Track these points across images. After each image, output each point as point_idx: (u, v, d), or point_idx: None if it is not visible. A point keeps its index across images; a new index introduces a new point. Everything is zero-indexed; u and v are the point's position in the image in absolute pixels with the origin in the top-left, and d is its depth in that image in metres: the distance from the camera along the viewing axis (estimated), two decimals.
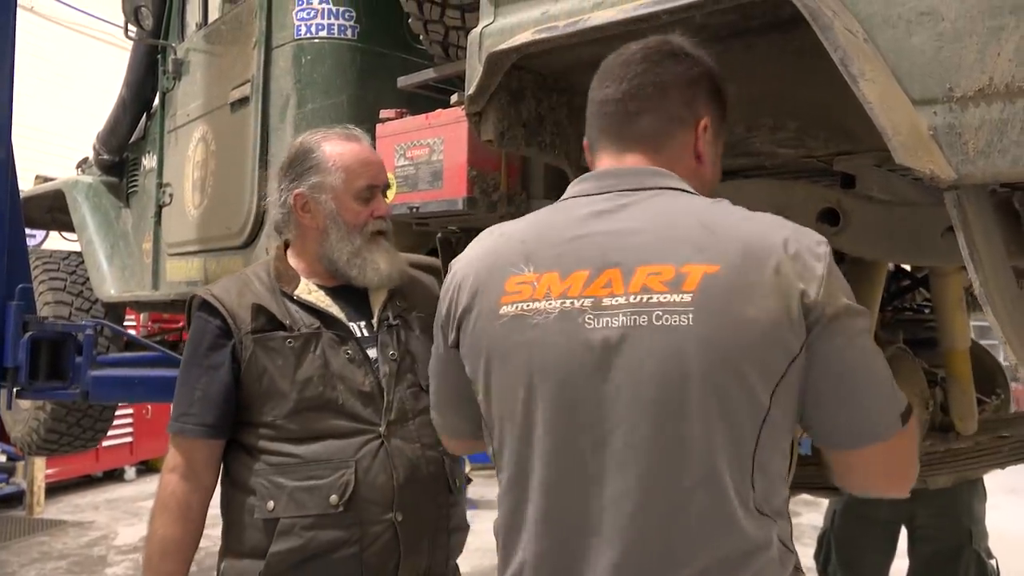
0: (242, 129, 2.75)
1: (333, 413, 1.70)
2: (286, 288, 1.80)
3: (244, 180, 2.71)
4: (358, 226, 1.82)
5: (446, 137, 2.13)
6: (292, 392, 1.69)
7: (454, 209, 2.12)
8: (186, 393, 1.74)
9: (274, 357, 1.71)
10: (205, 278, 3.05)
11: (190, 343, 1.78)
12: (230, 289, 1.79)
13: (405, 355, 1.83)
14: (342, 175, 1.80)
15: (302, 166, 1.84)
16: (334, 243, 1.81)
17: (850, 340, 1.11)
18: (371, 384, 1.75)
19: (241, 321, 1.73)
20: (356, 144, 1.87)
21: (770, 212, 1.87)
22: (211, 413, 1.71)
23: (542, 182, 2.24)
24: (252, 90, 2.69)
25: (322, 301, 1.80)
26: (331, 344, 1.75)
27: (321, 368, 1.72)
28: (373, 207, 1.84)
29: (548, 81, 2.04)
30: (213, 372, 1.72)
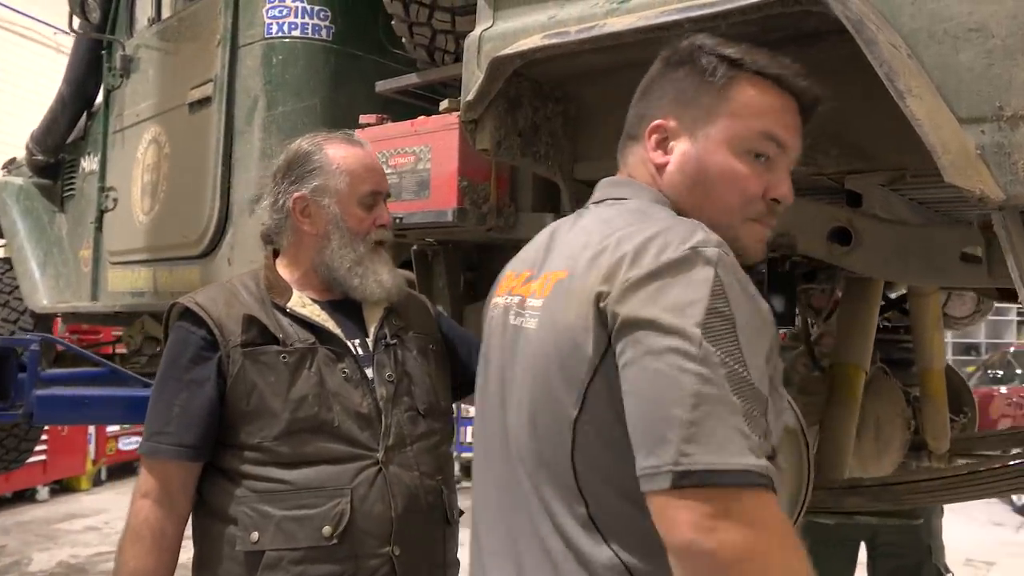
0: (202, 131, 2.58)
1: (328, 436, 1.57)
2: (278, 300, 1.67)
3: (204, 185, 2.54)
4: (361, 233, 1.71)
5: (434, 145, 2.03)
6: (284, 412, 1.55)
7: (442, 221, 2.02)
8: (162, 410, 1.59)
9: (266, 373, 1.57)
10: (154, 289, 2.86)
11: (169, 355, 1.63)
12: (216, 298, 1.65)
13: (403, 376, 1.72)
14: (347, 179, 1.69)
15: (303, 168, 1.72)
16: (335, 250, 1.69)
17: (639, 357, 0.92)
18: (369, 406, 1.63)
19: (229, 333, 1.59)
20: (360, 149, 1.76)
21: (780, 230, 1.85)
22: (191, 432, 1.56)
23: (531, 194, 2.16)
24: (215, 90, 2.53)
25: (317, 315, 1.68)
26: (327, 361, 1.63)
27: (317, 387, 1.59)
28: (376, 215, 1.74)
29: (544, 89, 1.97)
30: (195, 387, 1.58)
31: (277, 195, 1.74)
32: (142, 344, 3.45)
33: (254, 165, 2.39)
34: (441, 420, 1.76)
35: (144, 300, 2.93)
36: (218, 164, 2.49)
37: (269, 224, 1.79)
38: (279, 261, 1.77)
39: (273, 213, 1.76)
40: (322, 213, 1.69)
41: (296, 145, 1.77)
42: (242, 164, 2.43)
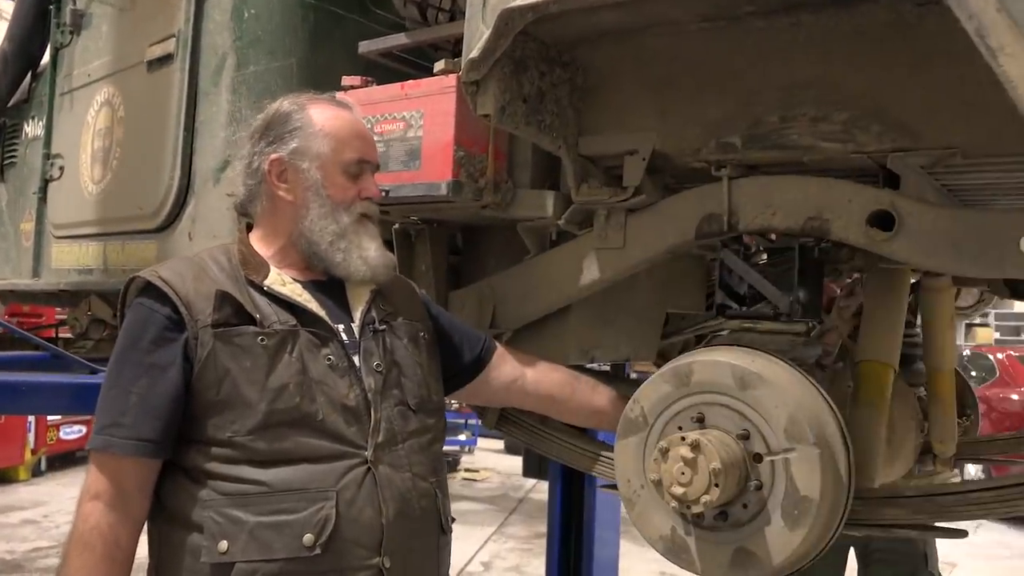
0: (162, 92, 2.34)
1: (311, 431, 1.39)
2: (254, 276, 1.48)
3: (163, 151, 2.30)
4: (344, 203, 1.54)
5: (427, 110, 1.83)
6: (261, 402, 1.37)
7: (435, 194, 1.81)
8: (118, 398, 1.39)
9: (240, 358, 1.39)
10: (104, 266, 2.61)
11: (126, 336, 1.43)
12: (183, 272, 1.45)
13: (392, 366, 1.54)
14: (331, 142, 1.53)
15: (282, 128, 1.54)
16: (315, 220, 1.52)
17: None
18: (356, 397, 1.45)
19: (198, 311, 1.40)
20: (348, 112, 1.60)
21: (807, 213, 1.68)
22: (150, 424, 1.37)
23: (529, 170, 1.97)
24: (177, 47, 2.29)
25: (299, 294, 1.49)
26: (310, 346, 1.44)
27: (299, 374, 1.41)
28: (362, 186, 1.57)
29: (552, 52, 1.78)
30: (157, 373, 1.38)
31: (252, 157, 1.56)
32: (88, 327, 3.18)
33: (220, 130, 2.16)
34: (433, 416, 1.59)
35: (92, 278, 2.67)
36: (179, 128, 2.26)
37: (243, 193, 1.59)
38: (253, 235, 1.58)
39: (246, 178, 1.58)
40: (301, 178, 1.53)
41: (277, 104, 1.59)
42: (207, 128, 2.20)
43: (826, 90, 1.60)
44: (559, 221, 1.92)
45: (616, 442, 1.58)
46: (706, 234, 1.76)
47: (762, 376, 1.42)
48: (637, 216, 1.86)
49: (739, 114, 1.70)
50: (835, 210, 1.59)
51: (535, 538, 6.93)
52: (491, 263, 2.26)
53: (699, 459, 1.38)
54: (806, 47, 1.60)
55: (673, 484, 1.40)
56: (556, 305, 2.02)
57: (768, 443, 1.41)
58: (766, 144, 1.67)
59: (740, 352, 1.50)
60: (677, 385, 1.51)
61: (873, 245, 1.54)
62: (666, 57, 1.75)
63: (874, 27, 1.52)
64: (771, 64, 1.64)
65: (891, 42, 1.52)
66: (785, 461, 1.39)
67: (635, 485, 1.55)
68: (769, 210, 1.67)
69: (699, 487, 1.37)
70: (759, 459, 1.42)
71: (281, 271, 1.52)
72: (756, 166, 1.75)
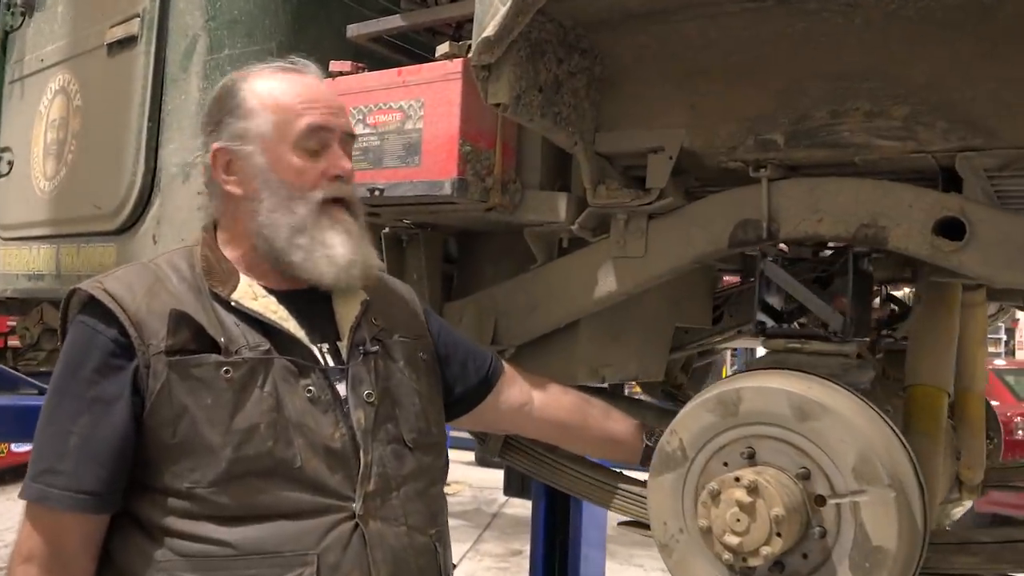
0: (124, 78, 2.10)
1: (287, 481, 1.16)
2: (219, 289, 1.25)
3: (125, 144, 2.06)
4: (301, 188, 1.27)
5: (428, 99, 1.62)
6: (225, 448, 1.14)
7: (437, 194, 1.61)
8: (54, 439, 1.16)
9: (200, 392, 1.16)
10: (57, 271, 2.35)
11: (65, 362, 1.19)
12: (133, 285, 1.21)
13: (384, 396, 1.30)
14: (271, 116, 1.27)
15: (221, 111, 1.31)
16: (267, 214, 1.27)
17: None
18: (342, 438, 1.22)
19: (150, 334, 1.17)
20: (296, 75, 1.33)
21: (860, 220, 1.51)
22: (93, 473, 1.14)
23: (538, 169, 1.77)
24: (142, 27, 2.06)
25: (273, 311, 1.25)
26: (285, 376, 1.21)
27: (271, 412, 1.18)
28: (327, 162, 1.29)
29: (569, 36, 1.58)
30: (100, 408, 1.15)
31: (203, 152, 1.36)
32: (40, 337, 2.92)
33: (191, 121, 1.93)
34: (432, 453, 1.35)
35: (43, 284, 2.41)
36: (143, 119, 2.02)
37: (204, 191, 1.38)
38: (220, 238, 1.34)
39: (203, 176, 1.36)
40: (246, 166, 1.28)
41: (217, 87, 1.37)
42: (175, 119, 1.96)
43: (883, 82, 1.43)
44: (572, 226, 1.72)
45: (650, 479, 1.39)
46: (741, 242, 1.57)
47: (825, 406, 1.23)
48: (660, 222, 1.67)
49: (782, 108, 1.52)
50: (893, 216, 1.41)
51: (511, 556, 6.72)
52: (489, 272, 2.05)
53: (758, 504, 1.19)
54: (862, 33, 1.42)
55: (726, 532, 1.21)
56: (566, 319, 1.82)
57: (832, 483, 1.23)
58: (813, 142, 1.49)
59: (794, 377, 1.32)
60: (723, 415, 1.31)
61: (939, 256, 1.36)
62: (698, 44, 1.56)
63: (942, 11, 1.34)
64: (820, 52, 1.47)
65: (961, 28, 1.35)
66: (854, 505, 1.20)
67: (672, 529, 1.35)
68: (815, 216, 1.49)
69: (758, 536, 1.18)
70: (821, 502, 1.23)
71: (252, 281, 1.28)
72: (796, 167, 1.57)
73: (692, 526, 1.33)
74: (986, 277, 1.34)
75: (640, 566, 6.69)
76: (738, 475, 1.21)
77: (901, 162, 1.48)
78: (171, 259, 1.30)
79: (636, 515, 1.68)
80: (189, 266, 1.27)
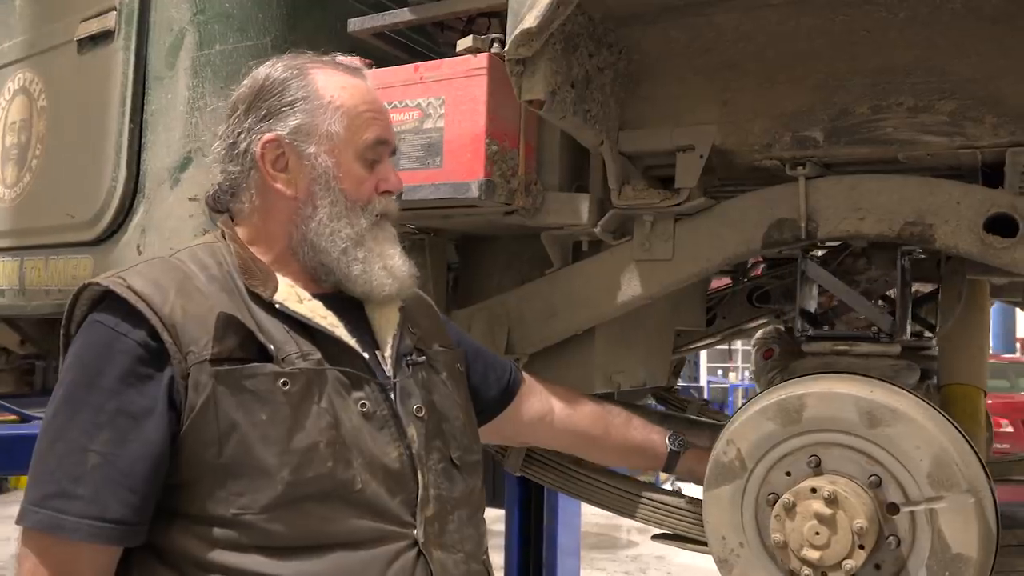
0: (99, 76, 1.95)
1: (345, 505, 1.06)
2: (260, 289, 1.11)
3: (102, 148, 1.91)
4: (362, 200, 1.19)
5: (449, 96, 1.53)
6: (283, 469, 1.02)
7: (462, 196, 1.52)
8: (67, 457, 1.00)
9: (253, 408, 1.03)
10: (20, 287, 2.17)
11: (78, 369, 1.04)
12: (162, 282, 1.07)
13: (431, 411, 1.21)
14: (345, 118, 1.17)
15: (279, 99, 1.18)
16: (324, 223, 1.16)
17: None
18: (401, 456, 1.12)
19: (189, 339, 1.03)
20: (362, 81, 1.24)
21: (905, 217, 1.48)
22: (119, 498, 1.00)
23: (557, 170, 1.70)
24: (119, 22, 1.91)
25: (322, 316, 1.13)
26: (338, 389, 1.10)
27: (331, 429, 1.07)
28: (380, 176, 1.22)
29: (598, 30, 1.52)
30: (127, 424, 1.01)
31: (237, 137, 1.19)
32: None
33: (178, 121, 1.79)
34: (476, 473, 1.26)
35: (4, 301, 2.23)
36: (124, 120, 1.87)
37: (220, 181, 1.23)
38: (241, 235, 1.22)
39: (228, 163, 1.21)
40: (305, 166, 1.17)
41: (266, 68, 1.22)
42: (160, 119, 1.82)
43: (928, 76, 1.40)
44: (594, 229, 1.65)
45: (705, 492, 1.32)
46: (776, 242, 1.53)
47: (896, 410, 1.19)
48: (688, 222, 1.62)
49: (820, 104, 1.48)
50: (941, 214, 1.38)
51: None
52: (495, 278, 1.97)
53: (838, 515, 1.13)
54: (905, 26, 1.39)
55: (804, 547, 1.15)
56: (585, 325, 1.75)
57: (906, 491, 1.18)
58: (855, 138, 1.45)
59: (856, 381, 1.27)
60: (784, 423, 1.26)
61: (990, 254, 1.34)
62: (731, 38, 1.51)
63: (992, 3, 1.32)
64: (861, 46, 1.43)
65: (1011, 22, 1.33)
66: (930, 512, 1.16)
67: (732, 543, 1.29)
68: (857, 214, 1.45)
69: (840, 550, 1.13)
70: (894, 510, 1.19)
71: (292, 283, 1.17)
72: (833, 164, 1.54)
73: (753, 539, 1.28)
74: None
75: (603, 569, 6.66)
76: (814, 486, 1.16)
77: (943, 158, 1.45)
78: (195, 254, 1.15)
79: (673, 528, 1.62)
80: (216, 263, 1.14)
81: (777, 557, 1.23)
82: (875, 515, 1.16)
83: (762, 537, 1.27)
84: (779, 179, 1.54)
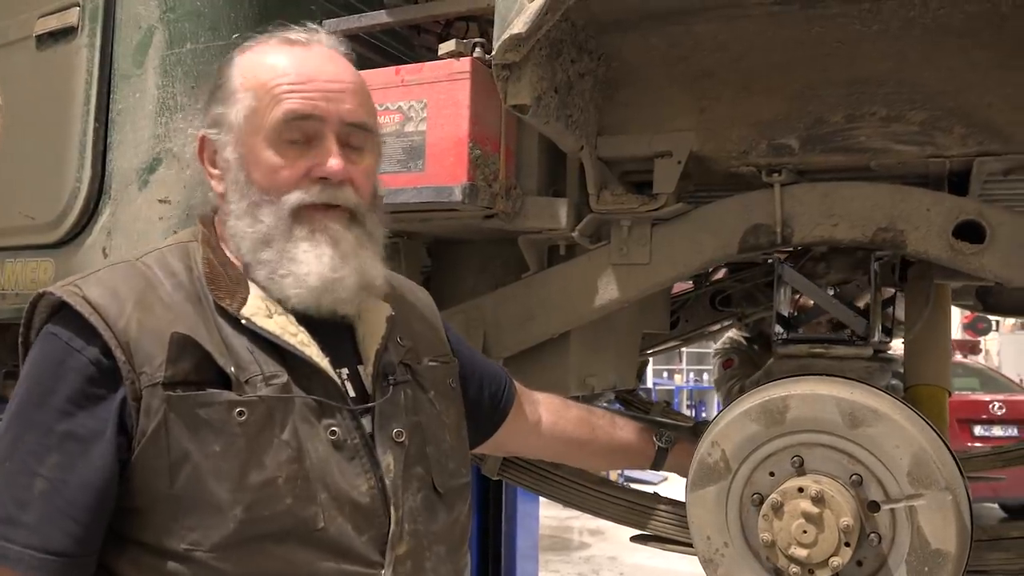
0: (60, 74, 1.89)
1: (304, 545, 0.97)
2: (226, 302, 1.02)
3: (65, 147, 1.84)
4: (273, 190, 1.04)
5: (432, 100, 1.53)
6: (235, 506, 0.94)
7: (445, 201, 1.51)
8: (15, 481, 0.93)
9: (206, 437, 0.95)
10: None
11: (30, 385, 0.97)
12: (120, 292, 0.98)
13: (414, 434, 1.10)
14: (251, 100, 1.05)
15: (213, 91, 1.12)
16: (233, 221, 1.06)
17: None
18: (371, 491, 1.02)
19: (143, 358, 0.95)
20: (295, 52, 1.09)
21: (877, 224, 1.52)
22: (63, 527, 0.93)
23: (535, 174, 1.70)
24: (82, 18, 1.85)
25: (292, 333, 1.03)
26: (306, 416, 1.00)
27: (291, 463, 0.97)
28: (313, 160, 1.04)
29: (580, 37, 1.53)
30: (76, 448, 0.94)
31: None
32: None
33: (147, 121, 1.75)
34: (461, 500, 1.16)
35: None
36: (88, 119, 1.81)
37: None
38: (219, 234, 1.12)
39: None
40: (223, 160, 1.08)
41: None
42: (128, 119, 1.77)
43: (899, 87, 1.45)
44: (572, 233, 1.66)
45: (689, 493, 1.34)
46: (752, 247, 1.56)
47: (876, 411, 1.23)
48: (666, 227, 1.64)
49: (796, 113, 1.52)
50: (911, 220, 1.43)
51: None
52: (469, 281, 1.97)
53: (824, 514, 1.16)
54: (877, 39, 1.44)
55: (792, 545, 1.18)
56: (561, 329, 1.77)
57: (886, 489, 1.22)
58: (829, 146, 1.50)
59: (837, 383, 1.31)
60: (768, 424, 1.29)
61: (959, 259, 1.39)
62: (709, 47, 1.54)
63: (960, 18, 1.37)
64: (835, 57, 1.48)
65: (978, 36, 1.38)
66: (910, 510, 1.20)
67: (717, 543, 1.31)
68: (831, 220, 1.49)
69: (826, 547, 1.16)
70: (875, 508, 1.22)
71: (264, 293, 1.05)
72: (808, 171, 1.58)
73: (737, 539, 1.30)
74: (1006, 278, 1.37)
75: (556, 572, 6.69)
76: (801, 485, 1.19)
77: (912, 167, 1.50)
78: (163, 259, 1.05)
79: (652, 529, 1.64)
80: (186, 268, 1.04)
81: (763, 556, 1.25)
82: (858, 513, 1.20)
83: (747, 537, 1.29)
84: (755, 185, 1.58)
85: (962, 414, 8.16)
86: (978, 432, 8.19)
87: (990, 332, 14.85)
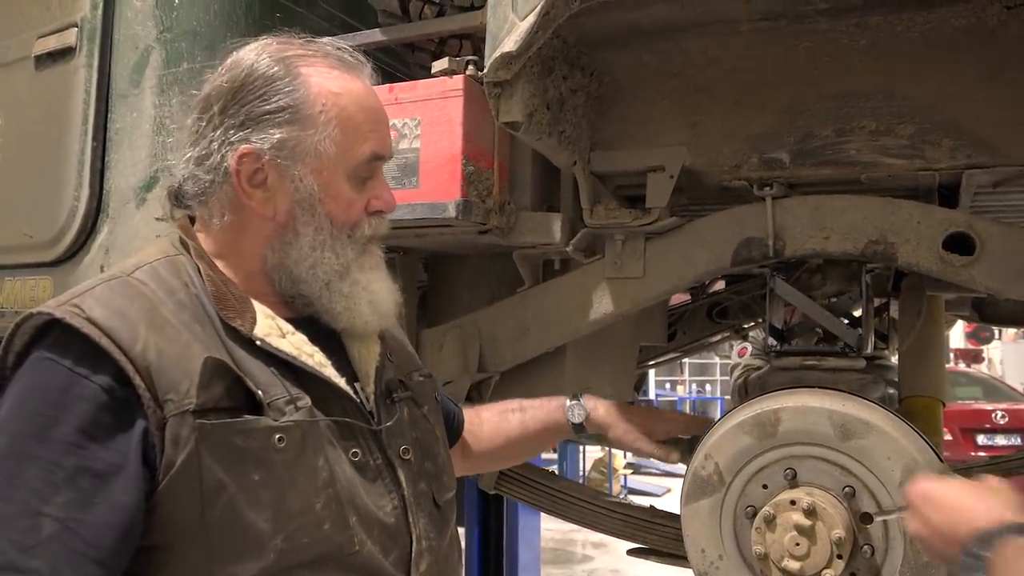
0: (59, 94, 1.91)
1: (339, 570, 0.95)
2: (237, 322, 0.97)
3: (63, 167, 1.86)
4: (349, 225, 1.04)
5: (425, 117, 1.54)
6: (276, 536, 0.90)
7: (439, 217, 1.52)
8: (16, 523, 0.83)
9: (245, 466, 0.91)
10: None
11: (24, 416, 0.88)
12: (128, 313, 0.91)
13: (416, 450, 1.10)
14: (336, 132, 1.01)
15: (261, 103, 1.00)
16: (305, 252, 1.02)
17: None
18: (395, 511, 1.01)
19: (167, 384, 0.89)
20: (360, 81, 1.06)
21: (868, 236, 1.53)
22: (83, 572, 0.84)
23: (529, 190, 1.72)
24: (80, 39, 1.88)
25: (308, 353, 1.00)
26: (331, 440, 0.98)
27: (327, 488, 0.95)
28: (373, 193, 1.06)
29: (572, 53, 1.55)
30: (93, 484, 0.86)
31: (209, 144, 1.02)
32: None
33: (145, 140, 1.77)
34: (454, 512, 1.17)
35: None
36: (86, 138, 1.83)
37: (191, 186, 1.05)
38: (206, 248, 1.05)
39: (197, 167, 1.03)
40: (287, 187, 1.01)
41: (251, 58, 1.03)
42: (125, 138, 1.79)
43: (888, 101, 1.46)
44: (566, 247, 1.67)
45: (683, 506, 1.35)
46: (745, 260, 1.57)
47: (868, 423, 1.23)
48: (659, 241, 1.65)
49: (786, 127, 1.53)
50: (902, 233, 1.44)
51: None
52: (465, 296, 1.98)
53: (817, 526, 1.17)
54: (866, 53, 1.45)
55: (785, 558, 1.18)
56: (557, 343, 1.77)
57: (879, 501, 1.22)
58: (820, 160, 1.51)
59: (828, 395, 1.31)
60: (760, 436, 1.29)
61: (949, 271, 1.40)
62: (700, 63, 1.56)
63: (947, 33, 1.39)
64: (824, 72, 1.49)
65: (966, 50, 1.40)
66: (902, 521, 1.20)
67: (711, 556, 1.32)
68: (822, 233, 1.50)
69: (819, 560, 1.17)
70: (867, 519, 1.23)
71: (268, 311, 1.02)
72: (798, 185, 1.59)
73: (731, 551, 1.31)
74: (996, 290, 1.38)
75: None
76: (793, 498, 1.19)
77: (902, 180, 1.51)
78: (157, 274, 0.98)
79: (648, 542, 1.64)
80: (183, 285, 0.98)
81: (757, 568, 1.26)
82: (850, 525, 1.20)
83: (741, 549, 1.30)
84: (747, 199, 1.59)
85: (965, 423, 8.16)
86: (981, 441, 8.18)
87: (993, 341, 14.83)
